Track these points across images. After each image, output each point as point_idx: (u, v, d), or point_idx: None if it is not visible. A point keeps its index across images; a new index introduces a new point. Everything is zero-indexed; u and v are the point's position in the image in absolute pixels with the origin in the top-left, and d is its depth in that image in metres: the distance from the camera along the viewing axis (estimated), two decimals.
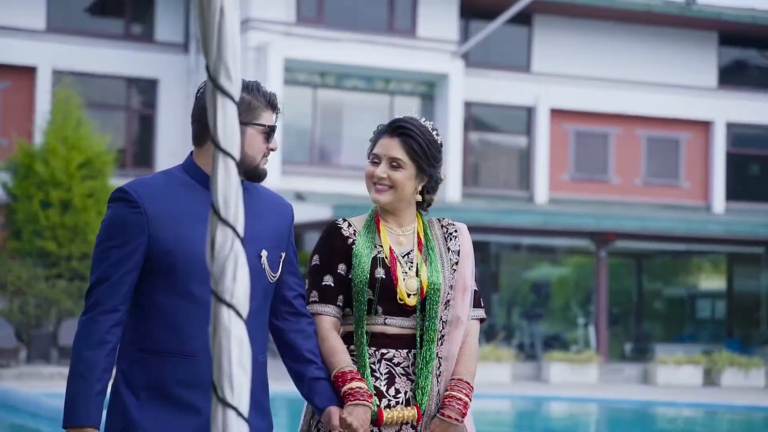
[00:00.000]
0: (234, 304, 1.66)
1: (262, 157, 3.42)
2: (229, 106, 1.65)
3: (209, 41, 1.66)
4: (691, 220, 22.72)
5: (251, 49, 22.05)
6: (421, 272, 3.62)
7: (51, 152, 20.19)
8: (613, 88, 25.64)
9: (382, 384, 3.60)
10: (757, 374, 21.17)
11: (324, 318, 3.60)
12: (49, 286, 19.79)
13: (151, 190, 3.32)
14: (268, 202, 3.54)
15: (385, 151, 3.63)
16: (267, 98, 3.42)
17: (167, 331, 3.29)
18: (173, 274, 3.28)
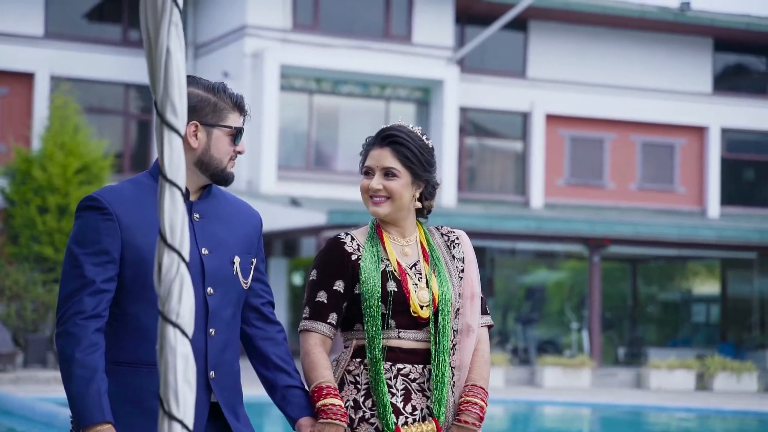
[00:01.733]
0: (179, 323, 1.79)
1: (228, 159, 3.40)
2: (175, 140, 1.78)
3: (156, 79, 1.78)
4: (684, 225, 22.83)
5: (247, 56, 22.18)
6: (431, 283, 3.57)
7: (48, 158, 20.32)
8: (608, 93, 25.77)
9: (398, 400, 3.53)
10: (749, 379, 21.27)
11: (312, 335, 3.53)
12: (46, 291, 19.91)
13: (121, 197, 3.27)
14: (236, 209, 3.50)
15: (377, 162, 3.58)
16: (233, 100, 3.39)
17: (140, 341, 3.23)
18: (145, 282, 3.22)
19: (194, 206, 3.38)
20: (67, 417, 12.08)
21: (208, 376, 3.31)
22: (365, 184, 3.60)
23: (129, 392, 3.22)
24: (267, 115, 21.76)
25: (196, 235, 3.34)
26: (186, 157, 3.23)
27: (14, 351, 18.64)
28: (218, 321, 3.32)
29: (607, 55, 25.81)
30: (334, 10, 23.30)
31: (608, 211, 25.03)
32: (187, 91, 3.23)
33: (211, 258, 3.33)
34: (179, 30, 1.77)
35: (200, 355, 3.28)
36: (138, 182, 3.35)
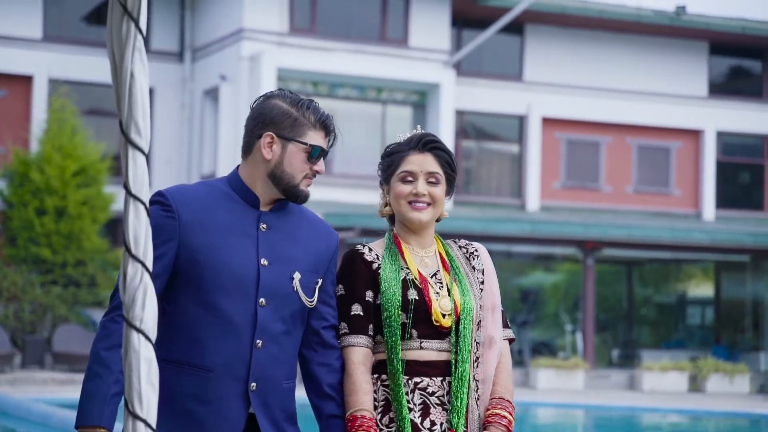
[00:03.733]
0: (143, 329, 1.93)
1: (303, 177, 3.32)
2: (139, 158, 1.92)
3: (121, 101, 1.92)
4: (678, 228, 22.96)
5: (244, 59, 22.31)
6: (452, 292, 3.50)
7: (46, 160, 20.47)
8: (605, 97, 25.90)
9: (416, 416, 3.44)
10: (741, 381, 21.40)
11: (355, 350, 3.44)
12: (43, 293, 20.05)
13: (189, 197, 3.27)
14: (311, 227, 3.43)
15: (421, 168, 3.52)
16: (317, 117, 3.34)
17: (187, 342, 3.23)
18: (200, 285, 3.22)
19: (263, 216, 3.33)
20: (62, 418, 12.21)
21: (248, 386, 3.25)
22: (405, 189, 3.52)
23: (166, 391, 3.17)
24: None
25: (258, 245, 3.29)
26: (259, 168, 3.31)
27: (12, 352, 18.76)
28: (267, 334, 3.26)
29: (603, 59, 25.94)
30: (331, 13, 23.44)
31: (604, 213, 25.16)
32: (272, 103, 3.32)
33: (270, 270, 3.28)
34: (143, 55, 1.90)
35: (242, 364, 3.24)
36: (211, 185, 3.35)
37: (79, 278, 20.49)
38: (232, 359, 3.23)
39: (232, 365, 3.22)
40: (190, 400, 3.21)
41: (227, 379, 3.22)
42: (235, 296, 3.23)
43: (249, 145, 3.34)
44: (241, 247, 3.27)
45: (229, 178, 3.36)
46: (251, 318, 3.24)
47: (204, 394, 3.21)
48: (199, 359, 3.21)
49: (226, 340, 3.22)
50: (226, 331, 3.21)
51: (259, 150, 3.31)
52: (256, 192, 3.32)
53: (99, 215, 20.85)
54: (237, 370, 3.23)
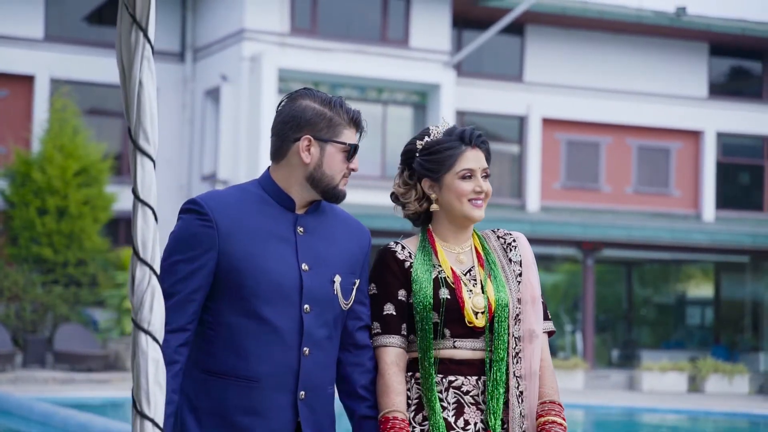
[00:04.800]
0: (151, 331, 1.99)
1: (342, 177, 3.27)
2: (147, 164, 1.98)
3: (130, 108, 1.97)
4: (677, 229, 23.01)
5: (245, 59, 22.36)
6: (486, 289, 3.42)
7: (48, 160, 20.52)
8: (605, 97, 25.94)
9: (450, 415, 3.37)
10: (741, 381, 21.45)
11: (388, 350, 3.38)
12: (45, 292, 20.10)
13: (224, 204, 3.16)
14: (345, 226, 3.38)
15: (478, 164, 3.46)
16: (350, 115, 3.26)
17: (232, 353, 3.13)
18: (242, 294, 3.13)
19: (299, 220, 3.26)
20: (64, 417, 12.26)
21: (298, 395, 3.19)
22: (468, 187, 3.44)
23: (215, 404, 3.13)
24: (265, 118, 21.94)
25: (298, 250, 3.21)
26: (297, 172, 3.22)
27: (13, 351, 18.82)
28: (313, 340, 3.19)
29: (603, 60, 25.98)
30: (332, 14, 23.49)
31: (604, 214, 25.21)
32: (303, 104, 3.23)
33: (311, 275, 3.20)
34: (151, 64, 1.96)
35: (291, 374, 3.17)
36: (245, 189, 3.26)
37: (80, 278, 20.55)
38: (280, 368, 3.16)
39: (279, 375, 3.16)
40: (238, 412, 3.13)
41: (275, 389, 3.16)
42: (279, 304, 3.15)
43: (282, 148, 3.24)
44: (281, 252, 3.19)
45: (261, 181, 3.28)
46: (297, 325, 3.16)
47: (252, 406, 3.13)
48: (245, 370, 3.13)
49: (272, 349, 3.14)
50: (273, 340, 3.14)
51: (297, 154, 3.22)
52: (292, 195, 3.25)
53: (100, 215, 20.91)
54: (285, 380, 3.17)
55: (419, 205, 3.52)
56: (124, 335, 19.89)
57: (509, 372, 3.39)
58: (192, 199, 3.16)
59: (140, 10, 1.99)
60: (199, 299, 3.09)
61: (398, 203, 3.57)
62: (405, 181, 3.54)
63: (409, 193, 3.52)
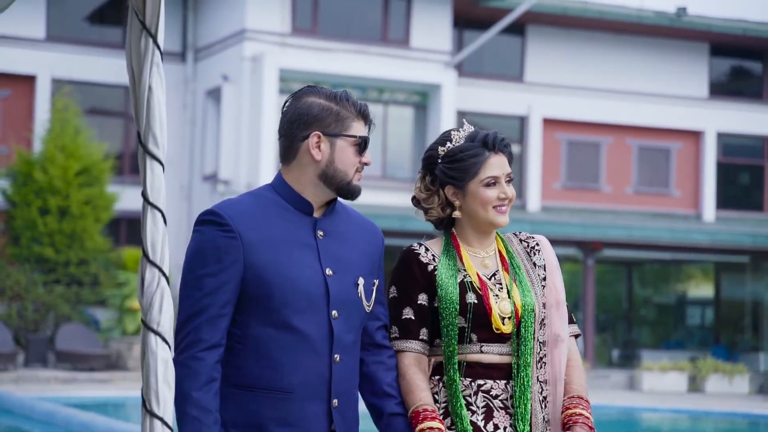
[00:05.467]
0: (160, 331, 2.03)
1: (354, 171, 3.18)
2: (156, 168, 2.02)
3: (140, 113, 2.01)
4: (677, 229, 23.05)
5: (247, 59, 22.40)
6: (512, 294, 3.37)
7: (49, 160, 20.56)
8: (605, 97, 25.98)
9: (479, 419, 3.32)
10: (741, 381, 21.49)
11: (406, 355, 3.34)
12: (46, 292, 20.14)
13: (244, 213, 3.07)
14: (360, 227, 3.30)
15: (503, 170, 3.40)
16: (357, 108, 3.20)
17: (263, 365, 3.06)
18: (270, 304, 3.04)
19: (318, 223, 3.18)
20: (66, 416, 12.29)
21: (331, 404, 3.13)
22: (493, 194, 3.38)
23: (248, 417, 3.06)
24: (266, 118, 21.98)
25: (320, 255, 3.14)
26: (309, 171, 3.14)
27: (15, 351, 18.86)
28: (342, 346, 3.14)
29: (604, 60, 26.02)
30: (333, 14, 23.52)
31: (604, 214, 25.24)
32: (309, 102, 3.16)
33: (336, 279, 3.14)
34: (160, 70, 2.00)
35: (324, 383, 3.12)
36: (259, 195, 3.17)
37: (81, 277, 20.59)
38: (312, 378, 3.10)
39: (312, 384, 3.10)
40: (273, 424, 3.06)
41: (308, 399, 3.10)
42: (308, 312, 3.08)
43: (292, 149, 3.16)
44: (305, 259, 3.11)
45: (274, 185, 3.19)
46: (327, 332, 3.10)
47: (286, 417, 3.06)
48: (278, 381, 3.06)
49: (303, 358, 3.07)
50: (303, 349, 3.07)
51: (307, 152, 3.14)
52: (307, 197, 3.17)
53: (101, 215, 20.95)
54: (318, 389, 3.11)
55: (442, 211, 3.46)
56: (126, 335, 19.93)
57: (533, 377, 3.36)
58: (209, 210, 3.06)
59: (150, 17, 2.03)
60: (229, 313, 3.03)
61: (420, 208, 3.51)
62: (427, 186, 3.48)
63: (432, 199, 3.47)
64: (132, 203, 22.35)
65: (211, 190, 23.38)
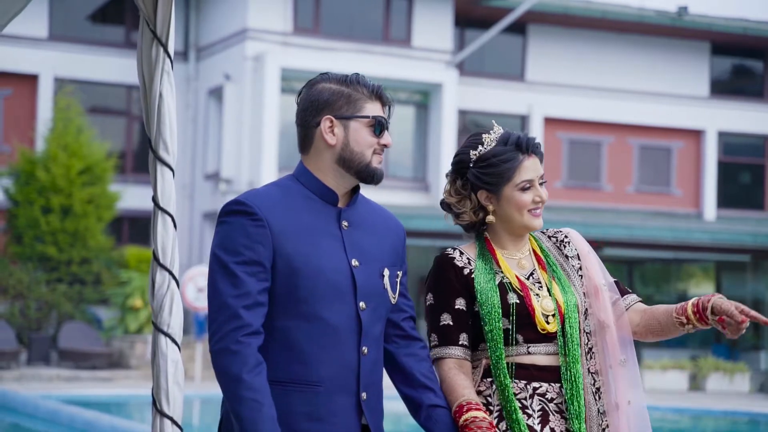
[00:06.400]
0: (170, 333, 2.09)
1: (372, 153, 3.11)
2: (167, 173, 2.07)
3: (150, 120, 2.07)
4: (678, 228, 23.09)
5: (249, 59, 22.44)
6: (553, 292, 3.35)
7: (52, 159, 20.62)
8: (606, 97, 26.02)
9: (535, 422, 3.27)
10: (741, 379, 21.53)
11: (446, 361, 3.29)
12: (49, 290, 20.20)
13: (271, 202, 3.03)
14: (383, 219, 3.26)
15: (537, 173, 3.35)
16: (370, 89, 3.15)
17: (291, 358, 3.01)
18: (298, 295, 3.01)
19: (342, 214, 3.14)
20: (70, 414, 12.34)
21: (360, 397, 3.09)
22: (528, 198, 3.34)
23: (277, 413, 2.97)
24: (268, 117, 22.03)
25: (345, 245, 3.11)
26: (326, 157, 3.10)
27: (18, 349, 18.92)
28: (370, 338, 3.10)
29: (605, 59, 26.06)
30: (335, 13, 23.57)
31: (605, 213, 25.29)
32: (319, 88, 3.12)
33: (362, 270, 3.11)
34: (171, 78, 2.05)
35: (353, 375, 3.07)
36: (283, 185, 3.13)
37: (84, 276, 20.64)
38: (341, 370, 3.06)
39: (341, 377, 3.06)
40: (302, 419, 3.01)
41: (337, 392, 3.06)
42: (336, 303, 3.05)
43: (307, 137, 3.13)
44: (331, 249, 3.08)
45: (296, 175, 3.15)
46: (355, 324, 3.06)
47: (316, 411, 3.01)
48: (306, 374, 3.01)
49: (332, 350, 3.03)
50: (332, 341, 3.03)
51: (321, 138, 3.10)
52: (328, 184, 3.13)
53: (104, 213, 21.00)
54: (347, 382, 3.07)
55: (475, 216, 3.40)
56: (128, 333, 19.98)
57: (583, 370, 3.32)
58: (235, 200, 3.01)
59: (160, 26, 2.08)
60: (265, 302, 2.98)
61: (450, 212, 3.45)
62: (457, 190, 3.42)
63: (463, 203, 3.41)
64: (134, 202, 22.42)
65: (213, 189, 23.43)
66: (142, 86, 2.14)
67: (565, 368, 3.29)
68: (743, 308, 3.24)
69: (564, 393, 3.28)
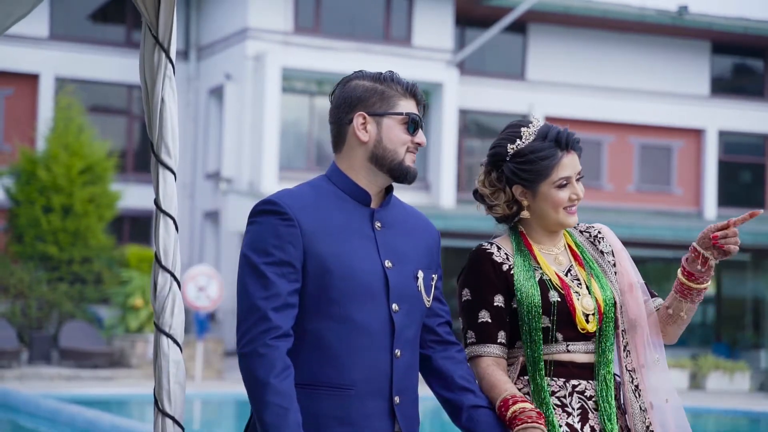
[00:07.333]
0: (172, 334, 2.12)
1: (406, 151, 3.07)
2: (169, 177, 2.11)
3: (152, 124, 2.09)
4: (679, 227, 23.11)
5: (249, 58, 22.47)
6: (592, 288, 3.28)
7: (53, 158, 20.64)
8: (607, 96, 26.05)
9: (575, 420, 3.20)
10: (741, 378, 21.55)
11: (483, 359, 3.21)
12: (50, 289, 20.22)
13: (302, 202, 2.99)
14: (416, 221, 3.20)
15: (574, 170, 3.28)
16: (404, 86, 3.10)
17: (322, 361, 2.95)
18: (330, 296, 2.95)
19: (376, 214, 3.09)
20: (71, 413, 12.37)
21: (393, 401, 3.02)
22: (564, 195, 3.27)
23: (306, 417, 2.92)
24: (268, 116, 22.06)
25: (378, 246, 3.05)
26: (358, 155, 3.06)
27: (19, 348, 18.94)
28: (403, 341, 3.03)
29: (605, 58, 26.09)
30: (335, 13, 23.60)
31: (606, 212, 25.31)
32: (352, 85, 3.08)
33: (395, 271, 3.04)
34: (172, 82, 2.08)
35: (385, 379, 3.00)
36: (315, 185, 3.08)
37: (85, 275, 20.67)
38: (373, 373, 2.99)
39: (373, 380, 2.99)
40: (333, 423, 2.95)
41: (370, 396, 2.99)
42: (368, 304, 2.99)
43: (340, 134, 3.08)
44: (364, 250, 3.03)
45: (329, 175, 3.09)
46: (387, 326, 3.00)
47: (347, 415, 2.95)
48: (337, 377, 2.95)
49: (364, 353, 2.97)
50: (364, 344, 2.97)
51: (354, 135, 3.06)
52: (362, 184, 3.08)
53: (105, 213, 21.02)
54: (379, 385, 3.00)
55: (508, 209, 3.34)
56: (129, 332, 20.01)
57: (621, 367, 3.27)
58: (266, 199, 2.97)
59: (162, 32, 2.10)
60: (296, 303, 2.92)
61: (483, 203, 3.38)
62: (492, 182, 3.35)
63: (497, 195, 3.35)
64: (135, 201, 22.45)
65: (213, 188, 23.46)
66: (144, 90, 2.17)
67: (598, 367, 3.25)
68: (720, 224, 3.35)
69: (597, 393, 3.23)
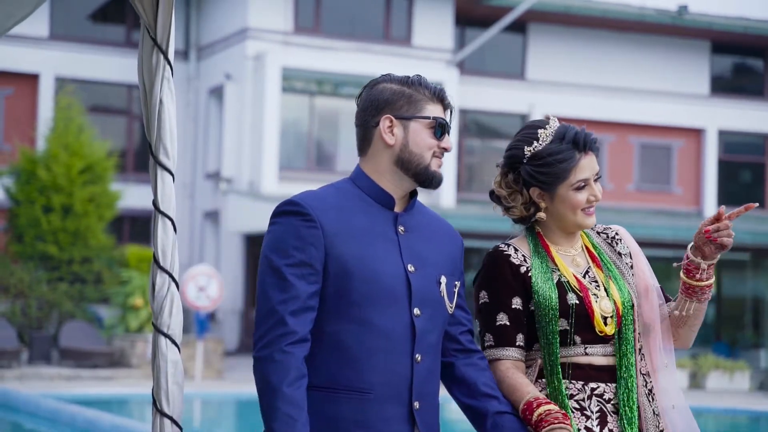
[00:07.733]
0: (170, 334, 2.14)
1: (432, 156, 3.05)
2: (167, 178, 2.12)
3: (151, 125, 2.11)
4: (678, 227, 23.12)
5: (249, 58, 22.48)
6: (610, 290, 3.26)
7: (53, 158, 20.65)
8: (607, 95, 26.06)
9: (594, 424, 3.18)
10: (741, 377, 21.56)
11: (502, 362, 3.18)
12: (50, 289, 20.23)
13: (325, 204, 2.96)
14: (440, 227, 3.19)
15: (592, 171, 3.26)
16: (432, 91, 3.08)
17: (341, 363, 2.92)
18: (350, 299, 2.92)
19: (399, 218, 3.07)
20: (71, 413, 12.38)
21: (412, 406, 2.98)
22: (582, 197, 3.23)
23: (324, 421, 2.92)
24: (268, 116, 22.07)
25: (401, 250, 3.03)
26: (384, 158, 3.04)
27: (19, 348, 18.95)
28: (424, 346, 3.00)
29: (605, 58, 26.10)
30: (335, 12, 23.61)
31: (606, 212, 25.33)
32: (380, 88, 3.06)
33: (418, 276, 3.01)
34: (171, 84, 2.09)
35: (405, 383, 2.97)
36: (340, 188, 3.06)
37: (85, 275, 20.68)
38: (393, 377, 2.96)
39: (392, 384, 2.96)
40: (351, 426, 2.92)
41: (389, 400, 2.96)
42: (389, 308, 2.96)
43: (366, 137, 3.07)
44: (387, 253, 3.00)
45: (353, 178, 3.08)
46: (408, 330, 2.97)
47: (364, 419, 2.92)
48: (356, 381, 2.92)
49: (384, 357, 2.94)
50: (384, 347, 2.94)
51: (380, 138, 3.04)
52: (386, 188, 3.06)
53: (105, 212, 21.03)
54: (399, 390, 2.97)
55: (526, 210, 3.31)
56: (129, 332, 20.03)
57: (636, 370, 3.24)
58: (289, 200, 2.95)
59: (161, 34, 2.11)
60: (315, 306, 2.90)
61: (500, 204, 3.36)
62: (509, 184, 3.33)
63: (514, 197, 3.32)
64: (135, 201, 22.46)
65: (213, 188, 23.47)
66: (143, 92, 2.18)
67: (620, 370, 3.21)
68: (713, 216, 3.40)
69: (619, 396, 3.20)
